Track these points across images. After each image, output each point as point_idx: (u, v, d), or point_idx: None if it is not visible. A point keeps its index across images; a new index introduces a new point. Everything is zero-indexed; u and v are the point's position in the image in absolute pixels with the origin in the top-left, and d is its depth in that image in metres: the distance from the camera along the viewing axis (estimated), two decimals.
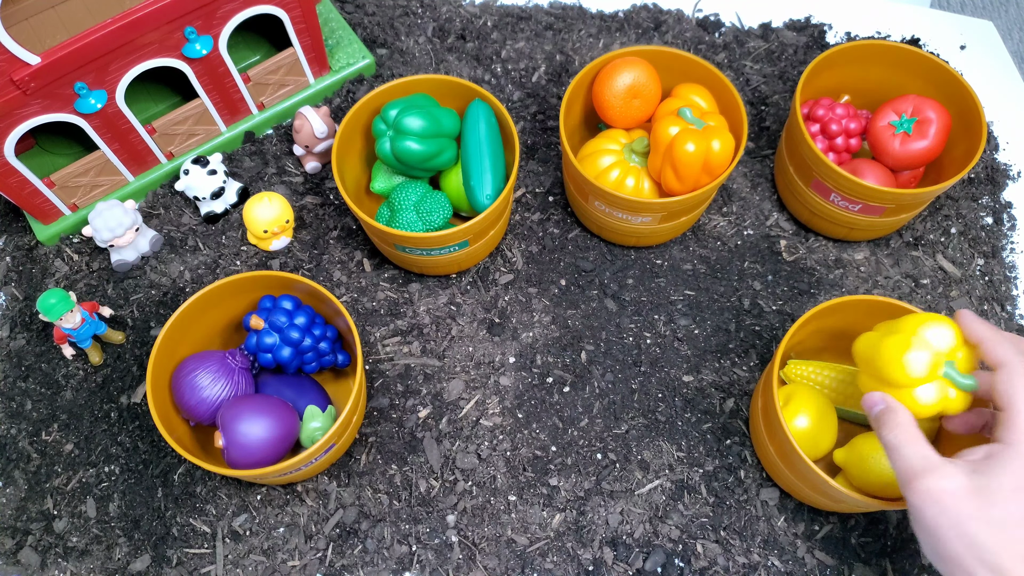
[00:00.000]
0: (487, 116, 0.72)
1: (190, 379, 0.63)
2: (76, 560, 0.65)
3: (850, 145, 0.77)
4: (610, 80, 0.72)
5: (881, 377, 0.53)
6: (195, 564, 0.65)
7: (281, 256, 0.77)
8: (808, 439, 0.63)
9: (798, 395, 0.65)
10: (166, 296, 0.75)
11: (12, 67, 0.61)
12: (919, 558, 0.65)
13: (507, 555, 0.65)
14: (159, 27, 0.67)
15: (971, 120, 0.72)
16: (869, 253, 0.78)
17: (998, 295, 0.77)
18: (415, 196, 0.71)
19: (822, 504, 0.64)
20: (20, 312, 0.75)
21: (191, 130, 0.79)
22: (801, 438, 0.62)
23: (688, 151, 0.66)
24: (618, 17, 0.92)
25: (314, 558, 0.65)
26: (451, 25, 0.91)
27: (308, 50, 0.80)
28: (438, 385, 0.71)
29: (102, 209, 0.71)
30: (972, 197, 0.82)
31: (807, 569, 0.65)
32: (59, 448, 0.69)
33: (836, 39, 0.92)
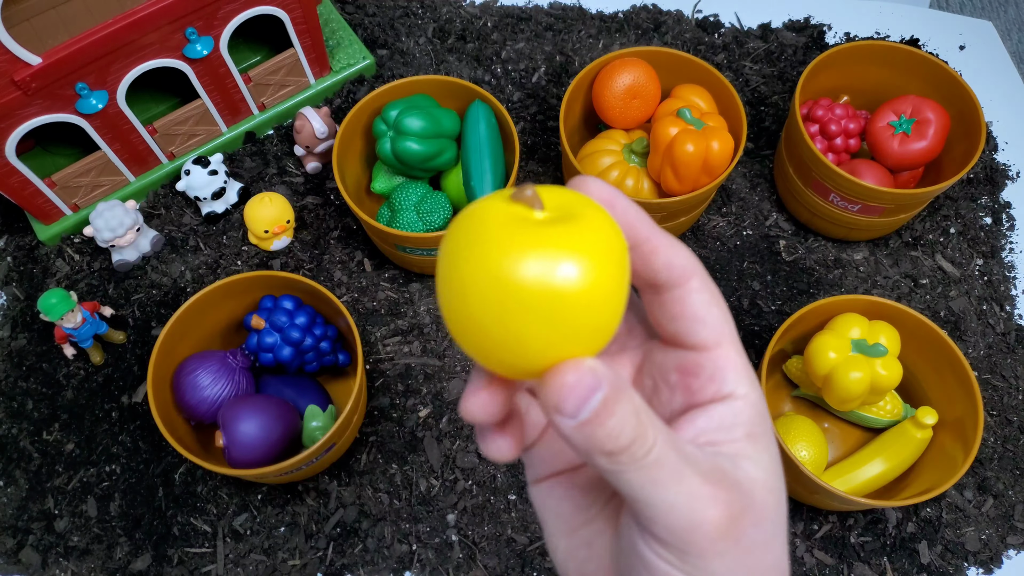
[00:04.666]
0: (487, 117, 0.72)
1: (191, 379, 0.63)
2: (77, 559, 0.65)
3: (849, 145, 0.77)
4: (610, 81, 0.72)
5: (815, 375, 0.63)
6: (196, 563, 0.65)
7: (282, 256, 0.77)
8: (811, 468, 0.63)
9: (796, 426, 0.66)
10: (167, 296, 0.76)
11: (13, 67, 0.62)
12: (918, 557, 0.66)
13: (507, 554, 0.65)
14: (160, 28, 0.67)
15: (970, 120, 0.72)
16: (868, 253, 0.79)
17: (997, 295, 0.77)
18: (415, 196, 0.71)
19: (820, 503, 0.64)
20: (21, 312, 0.75)
21: (192, 130, 0.79)
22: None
23: (687, 151, 0.66)
24: (618, 18, 0.92)
25: (315, 557, 0.65)
26: (451, 26, 0.91)
27: (309, 51, 0.80)
28: (438, 384, 0.71)
29: (103, 209, 0.71)
30: (971, 197, 0.82)
31: (806, 568, 0.65)
32: (60, 448, 0.69)
33: (835, 40, 0.92)
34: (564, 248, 0.19)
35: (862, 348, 0.63)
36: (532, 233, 0.20)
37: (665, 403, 0.26)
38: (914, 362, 0.68)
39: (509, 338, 0.20)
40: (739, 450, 0.23)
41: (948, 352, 0.64)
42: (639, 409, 0.21)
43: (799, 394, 0.72)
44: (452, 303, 0.20)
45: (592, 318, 0.20)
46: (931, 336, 0.65)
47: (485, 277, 0.19)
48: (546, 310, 0.19)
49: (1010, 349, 0.75)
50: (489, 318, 0.20)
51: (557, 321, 0.20)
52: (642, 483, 0.21)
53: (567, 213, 0.21)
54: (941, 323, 0.75)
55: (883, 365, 0.62)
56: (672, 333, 0.25)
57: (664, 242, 0.24)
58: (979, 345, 0.74)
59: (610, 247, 0.20)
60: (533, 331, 0.20)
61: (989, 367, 0.74)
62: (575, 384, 0.20)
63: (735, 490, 0.22)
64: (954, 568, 0.65)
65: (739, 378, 0.24)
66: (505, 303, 0.19)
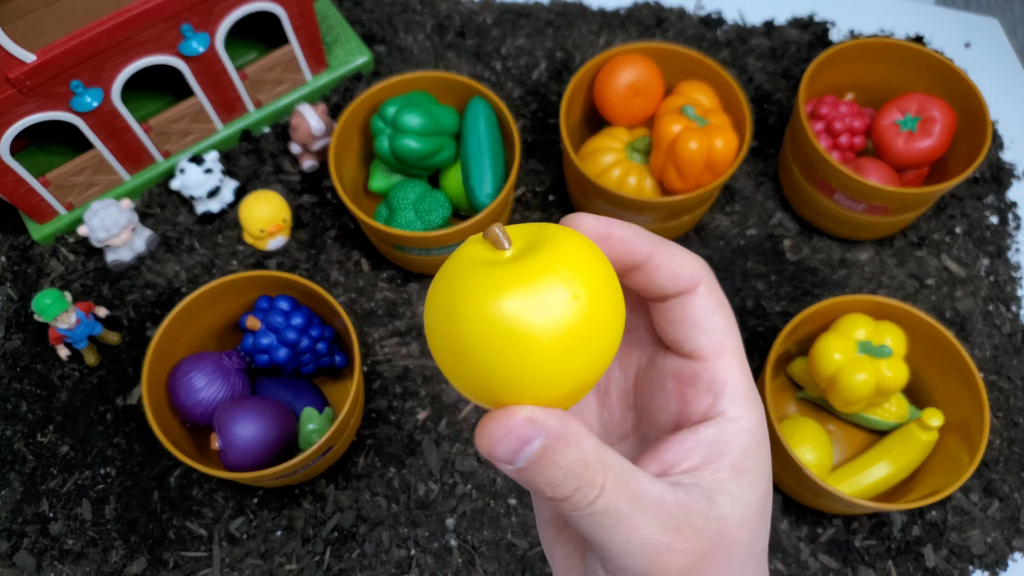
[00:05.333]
0: (487, 114, 0.71)
1: (186, 380, 0.62)
2: (72, 563, 0.64)
3: (854, 144, 0.76)
4: (612, 77, 0.71)
5: (820, 376, 0.63)
6: (191, 567, 0.64)
7: (278, 256, 0.77)
8: (815, 471, 0.62)
9: (801, 429, 0.65)
10: (162, 296, 0.75)
11: (7, 65, 0.61)
12: (923, 560, 0.65)
13: (507, 559, 0.64)
14: (155, 24, 0.66)
15: (976, 118, 0.71)
16: (873, 253, 0.78)
17: (1003, 295, 0.76)
18: (414, 195, 0.70)
19: (825, 506, 0.63)
20: (15, 313, 0.74)
21: (187, 128, 0.78)
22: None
23: (691, 149, 0.65)
24: (619, 14, 0.91)
25: (311, 562, 0.64)
26: (450, 22, 0.90)
27: (305, 47, 0.79)
28: (437, 387, 0.71)
29: (98, 208, 0.71)
30: (977, 196, 0.81)
31: (810, 572, 0.64)
32: (55, 450, 0.68)
33: (840, 37, 0.91)
34: (522, 286, 0.19)
35: (868, 349, 0.62)
36: (490, 275, 0.20)
37: (661, 409, 0.25)
38: (919, 363, 0.67)
39: (480, 376, 0.20)
40: (719, 483, 0.22)
41: (954, 353, 0.63)
42: (588, 459, 0.20)
43: (804, 396, 0.71)
44: (436, 348, 0.21)
45: (566, 348, 0.20)
46: (937, 337, 0.64)
47: (456, 323, 0.20)
48: (510, 348, 0.19)
49: (1016, 350, 0.74)
50: (464, 360, 0.20)
51: (525, 358, 0.19)
52: (591, 528, 0.21)
53: (532, 245, 0.21)
54: (947, 324, 0.74)
55: (889, 366, 0.62)
56: (672, 339, 0.24)
57: (666, 254, 0.23)
58: (985, 346, 0.74)
59: (581, 268, 0.20)
60: (501, 370, 0.20)
61: (995, 368, 0.73)
62: (503, 435, 0.20)
63: (697, 536, 0.21)
64: (959, 572, 0.65)
65: (736, 396, 0.23)
66: (474, 346, 0.20)
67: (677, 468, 0.22)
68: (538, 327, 0.19)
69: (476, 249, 0.21)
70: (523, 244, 0.21)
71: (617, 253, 0.23)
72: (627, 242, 0.23)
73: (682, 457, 0.23)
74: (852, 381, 0.61)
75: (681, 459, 0.23)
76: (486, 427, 0.20)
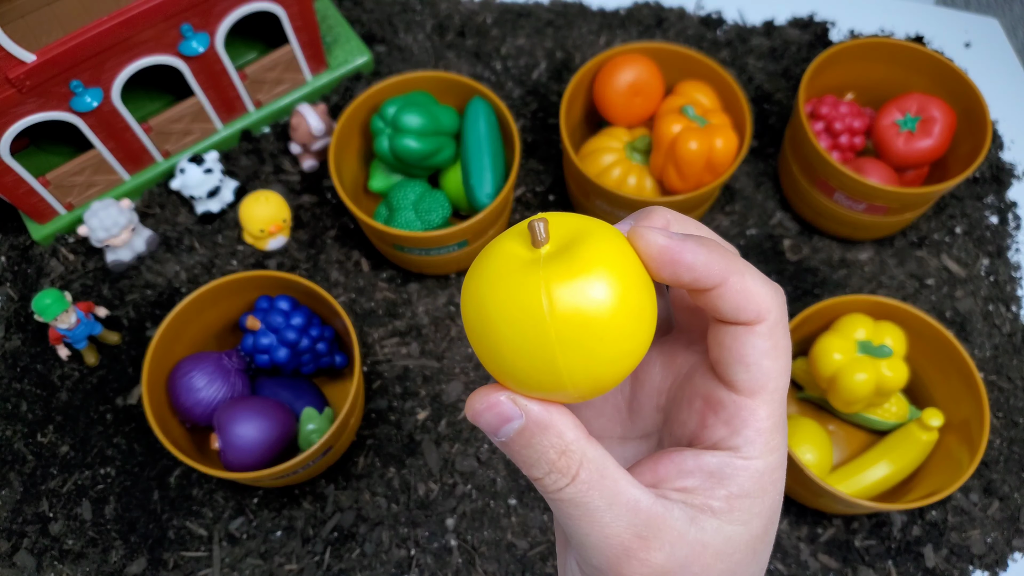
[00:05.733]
0: (487, 114, 0.71)
1: (186, 380, 0.62)
2: (72, 563, 0.64)
3: (854, 143, 0.76)
4: (612, 77, 0.71)
5: (820, 376, 0.63)
6: (191, 567, 0.64)
7: (278, 256, 0.76)
8: (815, 471, 0.62)
9: (801, 429, 0.65)
10: (162, 296, 0.75)
11: (7, 65, 0.61)
12: (923, 561, 0.65)
13: (507, 559, 0.64)
14: (155, 24, 0.66)
15: (976, 118, 0.71)
16: (873, 253, 0.78)
17: (1003, 295, 0.76)
18: (414, 195, 0.70)
19: (825, 506, 0.63)
20: (15, 313, 0.74)
21: (187, 128, 0.78)
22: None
23: (691, 149, 0.65)
24: (619, 14, 0.91)
25: (311, 562, 0.64)
26: (450, 22, 0.90)
27: (305, 47, 0.79)
28: (437, 387, 0.71)
29: (97, 208, 0.70)
30: (977, 196, 0.81)
31: (810, 572, 0.64)
32: (54, 450, 0.68)
33: (840, 37, 0.91)
34: (577, 278, 0.20)
35: (868, 349, 0.62)
36: (528, 274, 0.21)
37: (682, 423, 0.24)
38: (919, 363, 0.67)
39: (520, 373, 0.21)
40: (709, 509, 0.22)
41: (954, 353, 0.63)
42: (566, 448, 0.21)
43: (804, 396, 0.71)
44: (476, 341, 0.22)
45: (613, 335, 0.21)
46: (937, 337, 0.64)
47: (515, 322, 0.21)
48: (541, 342, 0.20)
49: (1016, 350, 0.74)
50: (497, 351, 0.21)
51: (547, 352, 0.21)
52: (560, 514, 0.22)
53: (569, 243, 0.22)
54: (947, 324, 0.74)
55: (889, 366, 0.62)
56: (715, 359, 0.23)
57: (737, 285, 0.21)
58: (985, 346, 0.74)
59: (616, 270, 0.21)
60: (529, 368, 0.21)
61: (995, 368, 0.73)
62: (484, 409, 0.22)
63: (663, 551, 0.21)
64: (959, 572, 0.65)
65: (754, 439, 0.22)
66: (507, 339, 0.21)
67: (669, 484, 0.22)
68: (567, 325, 0.20)
69: (512, 244, 0.22)
70: (560, 241, 0.22)
71: (683, 280, 0.21)
72: (696, 270, 0.21)
73: (677, 476, 0.22)
74: (852, 381, 0.61)
75: (675, 477, 0.22)
76: (474, 398, 0.22)
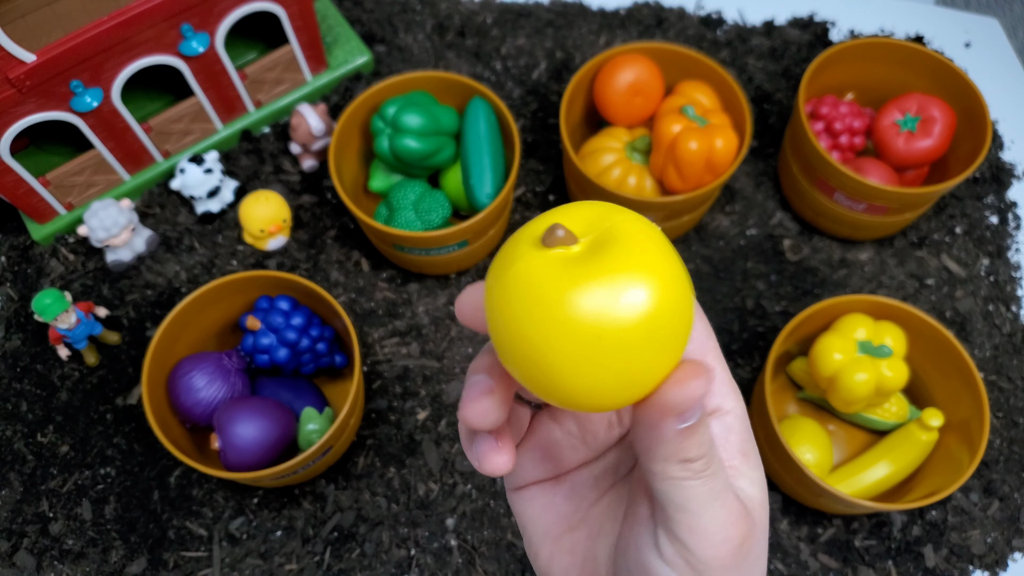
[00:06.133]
0: (487, 114, 0.71)
1: (186, 380, 0.62)
2: (72, 563, 0.64)
3: (854, 143, 0.76)
4: (612, 77, 0.71)
5: (820, 376, 0.63)
6: (191, 567, 0.64)
7: (278, 256, 0.76)
8: (815, 471, 0.62)
9: (801, 429, 0.65)
10: (162, 296, 0.75)
11: (7, 65, 0.61)
12: (923, 561, 0.65)
13: (507, 559, 0.64)
14: (155, 24, 0.66)
15: (976, 118, 0.71)
16: (874, 253, 0.78)
17: (1003, 295, 0.76)
18: (414, 195, 0.70)
19: (825, 506, 0.63)
20: (15, 313, 0.74)
21: (187, 128, 0.78)
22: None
23: (691, 149, 0.65)
24: (619, 14, 0.91)
25: (311, 562, 0.64)
26: (450, 22, 0.90)
27: (305, 47, 0.79)
28: (437, 387, 0.71)
29: (97, 208, 0.70)
30: (977, 196, 0.81)
31: (810, 572, 0.64)
32: (55, 450, 0.68)
33: (840, 37, 0.91)
34: (618, 280, 0.19)
35: (868, 349, 0.62)
36: (576, 274, 0.19)
37: None
38: (920, 363, 0.67)
39: (584, 383, 0.19)
40: (736, 469, 0.23)
41: (954, 353, 0.63)
42: (710, 432, 0.22)
43: (804, 396, 0.71)
44: (524, 362, 0.20)
45: (662, 339, 0.19)
46: (937, 337, 0.64)
47: (556, 335, 0.19)
48: (589, 350, 0.19)
49: (1016, 350, 0.74)
50: (568, 369, 0.19)
51: (604, 359, 0.19)
52: (697, 494, 0.21)
53: (601, 239, 0.20)
54: (947, 324, 0.74)
55: (889, 366, 0.62)
56: None
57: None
58: (985, 346, 0.74)
59: (660, 262, 0.19)
60: (588, 372, 0.19)
61: (995, 368, 0.73)
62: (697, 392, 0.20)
63: (746, 510, 0.22)
64: (959, 572, 0.65)
65: (726, 392, 0.24)
66: (585, 352, 0.19)
67: None
68: (642, 311, 0.19)
69: (539, 254, 0.20)
70: (590, 237, 0.20)
71: None
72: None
73: None
74: (852, 381, 0.61)
75: None
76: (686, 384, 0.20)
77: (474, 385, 0.23)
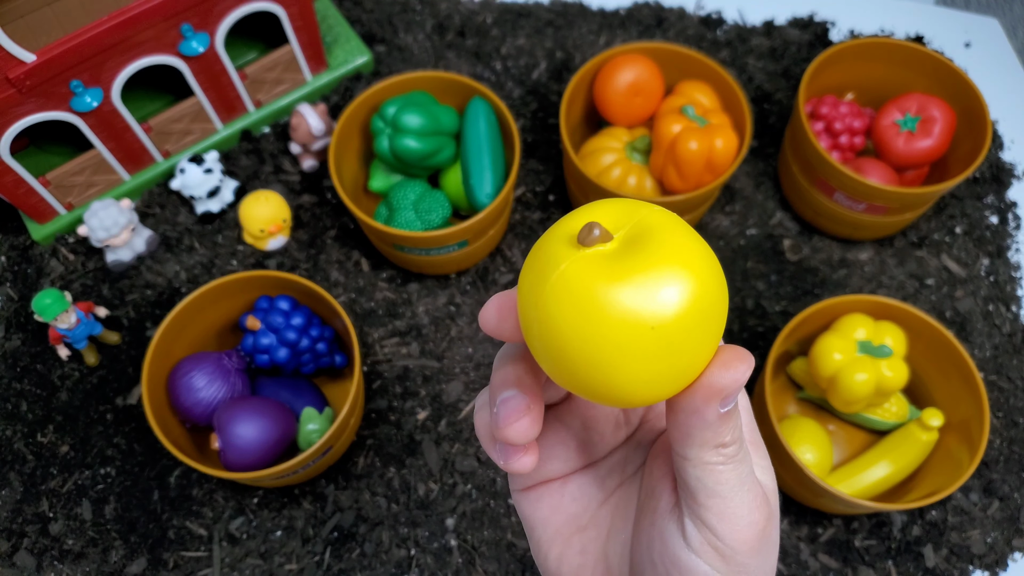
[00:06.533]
0: (487, 114, 0.71)
1: (186, 380, 0.62)
2: (72, 563, 0.64)
3: (854, 143, 0.76)
4: (612, 77, 0.71)
5: (820, 376, 0.63)
6: (191, 567, 0.64)
7: (278, 256, 0.76)
8: (815, 471, 0.62)
9: (801, 429, 0.65)
10: (162, 296, 0.75)
11: (7, 65, 0.61)
12: (923, 561, 0.65)
13: (507, 559, 0.64)
14: (155, 24, 0.66)
15: (976, 118, 0.71)
16: (874, 253, 0.78)
17: (1003, 295, 0.76)
18: (414, 195, 0.70)
19: (825, 506, 0.63)
20: (15, 313, 0.74)
21: (187, 128, 0.78)
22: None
23: (691, 149, 0.65)
24: (619, 14, 0.91)
25: (311, 561, 0.64)
26: (450, 22, 0.90)
27: (305, 47, 0.79)
28: (437, 387, 0.71)
29: (97, 208, 0.70)
30: (977, 196, 0.81)
31: (810, 572, 0.64)
32: (55, 450, 0.68)
33: (840, 36, 0.91)
34: (661, 276, 0.19)
35: (868, 349, 0.62)
36: (618, 271, 0.19)
37: None
38: (919, 363, 0.67)
39: (636, 379, 0.20)
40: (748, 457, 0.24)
41: (954, 353, 0.63)
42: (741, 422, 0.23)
43: (804, 396, 0.71)
44: (572, 365, 0.20)
45: (705, 328, 0.20)
46: (937, 337, 0.64)
47: (606, 334, 0.19)
48: (663, 340, 0.19)
49: (1016, 350, 0.74)
50: (619, 366, 0.20)
51: (670, 350, 0.20)
52: (729, 479, 0.22)
53: (633, 234, 0.20)
54: (947, 324, 0.74)
55: (889, 366, 0.62)
56: None
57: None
58: (985, 346, 0.74)
59: (696, 255, 0.20)
60: (641, 367, 0.20)
61: (995, 368, 0.73)
62: (743, 375, 0.21)
63: (765, 495, 0.23)
64: (959, 572, 0.65)
65: None
66: (624, 348, 0.19)
67: None
68: (666, 321, 0.19)
69: (574, 252, 0.20)
70: (622, 233, 0.20)
71: None
72: None
73: None
74: (852, 381, 0.61)
75: None
76: (733, 367, 0.21)
77: (509, 403, 0.23)
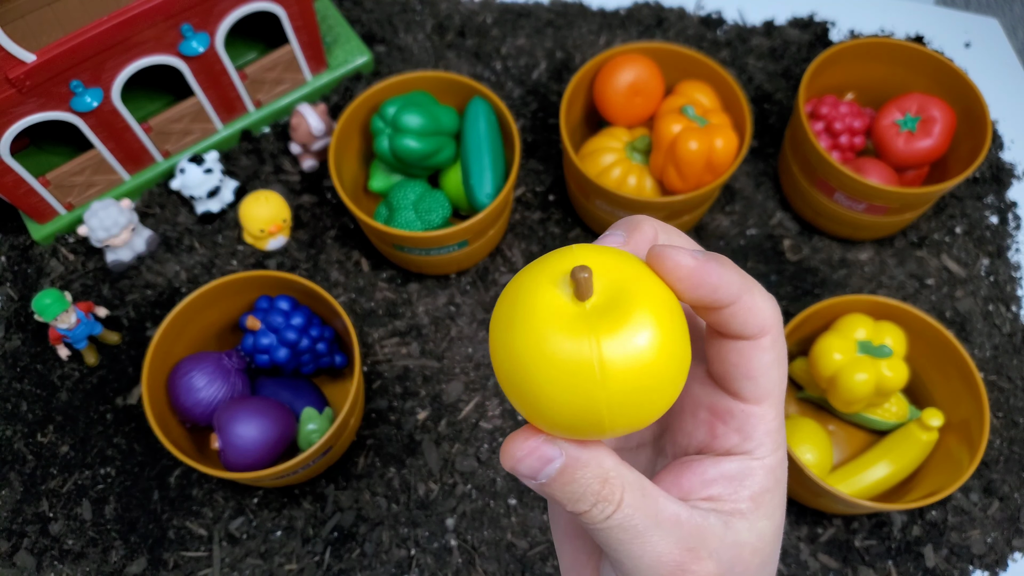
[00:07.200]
0: (487, 114, 0.71)
1: (186, 380, 0.62)
2: (72, 563, 0.64)
3: (854, 143, 0.76)
4: (612, 77, 0.71)
5: (820, 376, 0.63)
6: (191, 567, 0.64)
7: (278, 256, 0.76)
8: (815, 471, 0.62)
9: (801, 429, 0.65)
10: (162, 296, 0.75)
11: (8, 65, 0.61)
12: (923, 561, 0.65)
13: (507, 559, 0.64)
14: (155, 24, 0.66)
15: (976, 118, 0.71)
16: (874, 253, 0.78)
17: (1003, 295, 0.76)
18: (414, 195, 0.70)
19: (825, 507, 0.63)
20: (15, 313, 0.74)
21: (187, 128, 0.78)
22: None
23: (691, 149, 0.65)
24: (619, 14, 0.91)
25: (311, 562, 0.64)
26: (450, 22, 0.90)
27: (305, 47, 0.79)
28: (437, 387, 0.71)
29: (97, 208, 0.70)
30: (977, 196, 0.81)
31: (810, 572, 0.64)
32: (55, 450, 0.68)
33: (840, 36, 0.91)
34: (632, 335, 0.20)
35: (868, 349, 0.62)
36: (578, 326, 0.20)
37: (687, 433, 0.25)
38: (920, 363, 0.67)
39: (561, 420, 0.21)
40: (738, 510, 0.23)
41: (954, 353, 0.63)
42: (607, 476, 0.21)
43: (804, 396, 0.71)
44: (511, 386, 0.21)
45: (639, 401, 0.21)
46: (937, 337, 0.64)
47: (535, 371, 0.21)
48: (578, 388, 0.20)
49: (1016, 350, 0.74)
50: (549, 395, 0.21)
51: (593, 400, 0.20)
52: (607, 541, 0.22)
53: (614, 297, 0.21)
54: (947, 324, 0.74)
55: (889, 366, 0.62)
56: (720, 374, 0.24)
57: (748, 302, 0.22)
58: (985, 346, 0.74)
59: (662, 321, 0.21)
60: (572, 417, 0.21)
61: (995, 368, 0.73)
62: (524, 455, 0.21)
63: (712, 559, 0.22)
64: (959, 572, 0.65)
65: (765, 440, 0.23)
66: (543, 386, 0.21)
67: (696, 495, 0.23)
68: (617, 382, 0.20)
69: (551, 292, 0.21)
70: (600, 289, 0.21)
71: (704, 301, 0.22)
72: (720, 290, 0.22)
73: (701, 486, 0.23)
74: (852, 381, 0.61)
75: (701, 488, 0.23)
76: (511, 445, 0.22)
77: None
